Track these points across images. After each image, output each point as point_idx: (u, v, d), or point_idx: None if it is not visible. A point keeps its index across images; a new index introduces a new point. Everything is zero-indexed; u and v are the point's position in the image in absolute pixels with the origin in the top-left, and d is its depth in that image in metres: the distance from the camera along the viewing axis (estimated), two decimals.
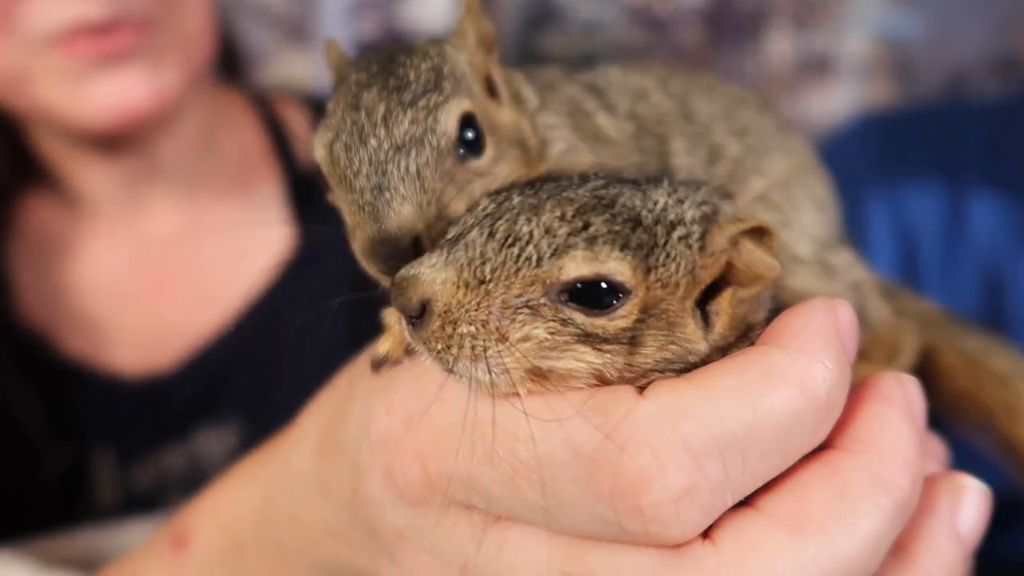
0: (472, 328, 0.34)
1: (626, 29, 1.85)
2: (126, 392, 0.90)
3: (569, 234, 0.32)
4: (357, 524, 0.43)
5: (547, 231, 0.32)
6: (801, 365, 0.35)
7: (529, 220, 0.33)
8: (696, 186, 0.38)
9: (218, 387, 0.93)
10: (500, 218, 0.33)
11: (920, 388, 0.39)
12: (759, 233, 0.36)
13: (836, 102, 1.88)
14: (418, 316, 0.35)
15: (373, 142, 0.40)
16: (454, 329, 0.34)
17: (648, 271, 0.34)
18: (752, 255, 0.36)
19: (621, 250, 0.33)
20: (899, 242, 1.22)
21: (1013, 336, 1.11)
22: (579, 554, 0.35)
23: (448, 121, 0.40)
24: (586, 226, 0.32)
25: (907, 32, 1.87)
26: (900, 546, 0.37)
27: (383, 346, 0.42)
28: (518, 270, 0.33)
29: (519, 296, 0.33)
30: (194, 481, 0.91)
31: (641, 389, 0.35)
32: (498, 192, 0.37)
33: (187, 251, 0.97)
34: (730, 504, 0.35)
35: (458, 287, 0.33)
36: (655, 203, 0.35)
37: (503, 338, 0.33)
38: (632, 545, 0.34)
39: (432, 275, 0.34)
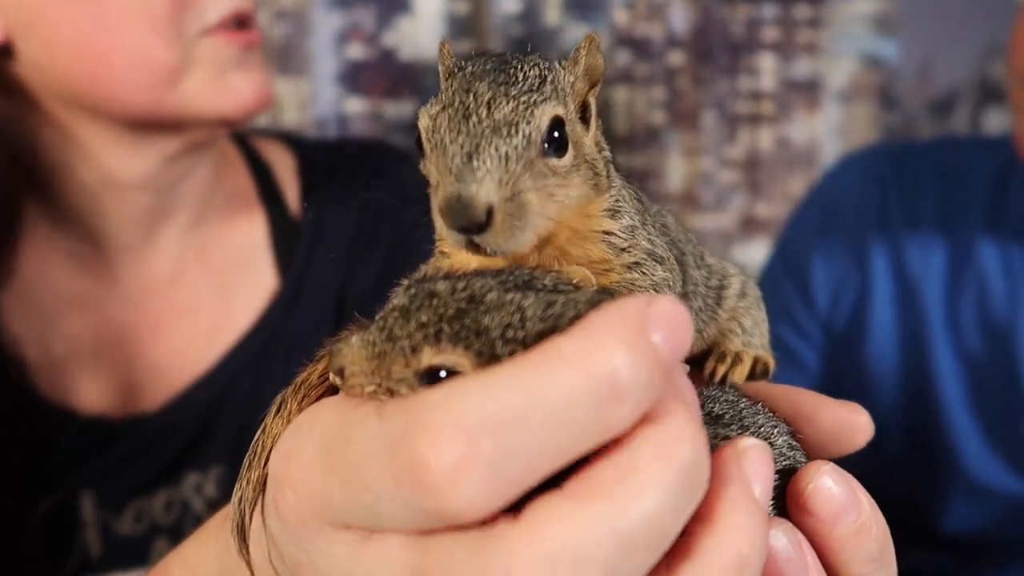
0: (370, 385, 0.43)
1: (615, 52, 1.86)
2: (113, 436, 0.91)
3: (424, 337, 0.41)
4: (277, 559, 0.45)
5: (410, 336, 0.42)
6: (583, 348, 0.36)
7: (401, 326, 0.42)
8: (563, 293, 0.42)
9: (205, 430, 0.94)
10: (387, 320, 0.43)
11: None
12: None
13: (821, 127, 1.90)
14: (339, 375, 0.44)
15: (474, 119, 0.46)
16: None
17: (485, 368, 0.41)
18: None
19: (464, 349, 0.41)
20: (902, 291, 1.21)
21: None
22: (425, 551, 0.38)
23: (542, 118, 0.46)
24: (438, 332, 0.41)
25: (891, 58, 1.89)
26: (703, 516, 0.39)
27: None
28: (395, 358, 0.42)
29: (398, 373, 0.42)
30: (180, 527, 0.92)
31: None
32: (392, 300, 0.45)
33: (180, 291, 0.98)
34: (515, 482, 0.36)
35: (365, 359, 0.43)
36: (501, 319, 0.41)
37: (390, 393, 0.43)
38: (449, 531, 0.37)
39: (348, 349, 0.44)
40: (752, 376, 0.54)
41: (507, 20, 1.83)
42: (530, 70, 0.48)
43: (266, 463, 0.46)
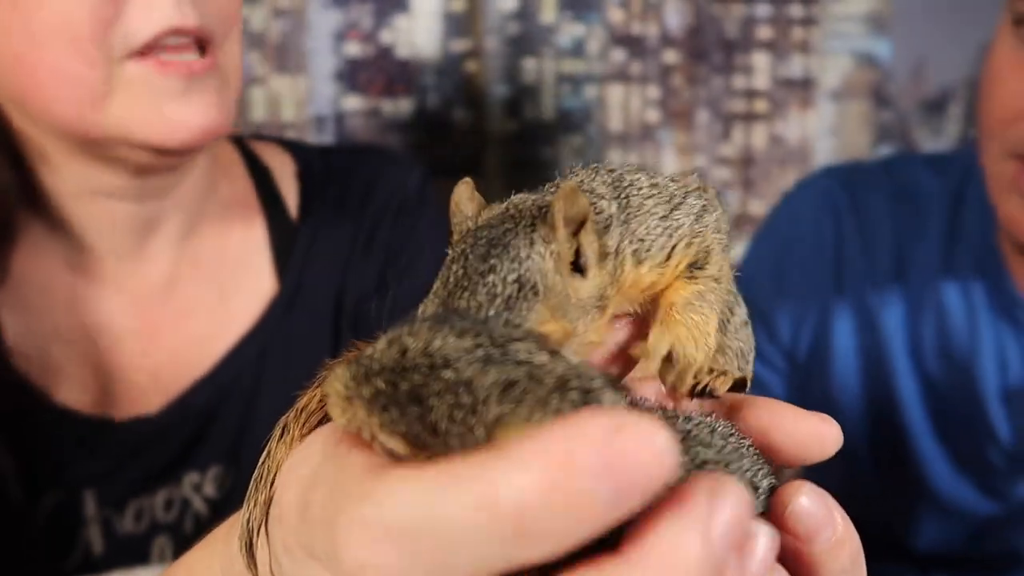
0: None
1: (608, 51, 1.87)
2: (114, 437, 0.93)
3: (372, 394, 0.39)
4: (278, 572, 0.46)
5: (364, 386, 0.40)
6: (488, 475, 0.32)
7: (366, 375, 0.40)
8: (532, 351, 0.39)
9: (204, 431, 0.95)
10: (361, 361, 0.41)
11: (742, 506, 0.33)
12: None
13: (814, 125, 1.91)
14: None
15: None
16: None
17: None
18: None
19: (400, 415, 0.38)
20: (862, 320, 1.21)
21: (990, 415, 1.13)
22: None
23: None
24: (379, 393, 0.39)
25: (884, 57, 1.90)
26: None
27: None
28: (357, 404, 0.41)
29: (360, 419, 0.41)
30: (180, 525, 0.94)
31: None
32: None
33: (178, 295, 0.99)
34: None
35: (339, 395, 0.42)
36: (457, 379, 0.38)
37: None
38: None
39: (332, 378, 0.42)
40: (731, 388, 0.55)
41: (503, 18, 1.84)
42: (509, 275, 0.46)
43: (271, 486, 0.48)
